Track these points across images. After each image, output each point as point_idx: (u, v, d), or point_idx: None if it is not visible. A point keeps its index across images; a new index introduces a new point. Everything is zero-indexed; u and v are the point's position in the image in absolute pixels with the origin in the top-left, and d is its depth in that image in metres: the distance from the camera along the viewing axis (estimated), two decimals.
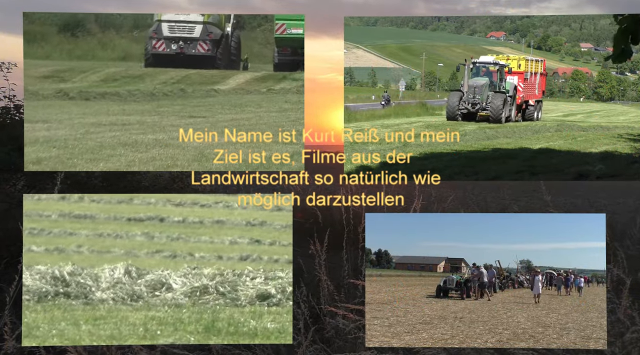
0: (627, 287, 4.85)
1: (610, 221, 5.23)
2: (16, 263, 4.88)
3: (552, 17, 13.10)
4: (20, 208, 5.01)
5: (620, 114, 9.92)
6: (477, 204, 10.26)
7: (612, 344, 4.63)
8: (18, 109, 8.14)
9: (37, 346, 4.52)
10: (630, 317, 4.76)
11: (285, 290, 4.99)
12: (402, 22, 12.83)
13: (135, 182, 8.38)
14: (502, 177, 6.26)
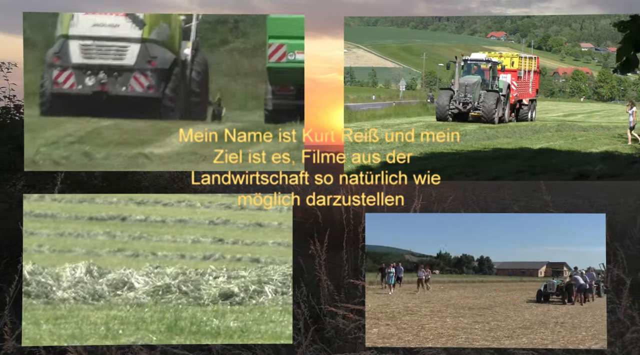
0: (627, 287, 4.85)
1: (610, 221, 5.22)
2: (16, 263, 4.88)
3: (552, 17, 13.10)
4: (20, 208, 5.01)
5: (621, 114, 9.85)
6: (477, 204, 10.21)
7: (612, 344, 4.62)
8: (18, 109, 8.15)
9: (37, 346, 4.52)
10: (630, 317, 4.76)
11: (249, 289, 4.98)
12: (403, 22, 12.85)
13: (135, 182, 8.38)
14: (503, 177, 6.26)
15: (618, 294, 4.95)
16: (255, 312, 4.87)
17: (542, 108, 10.79)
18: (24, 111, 7.52)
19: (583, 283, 5.07)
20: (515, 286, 5.48)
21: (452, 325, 4.67)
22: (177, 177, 8.92)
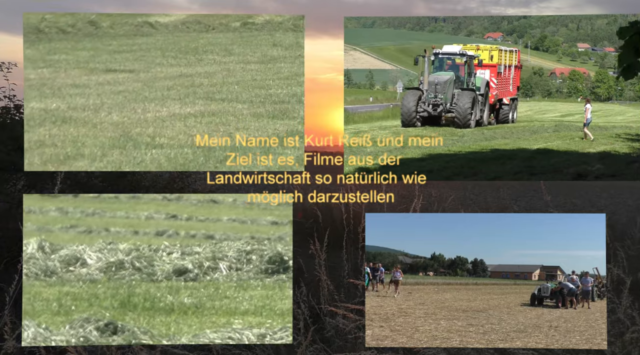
0: (627, 287, 4.86)
1: (610, 221, 5.24)
2: (16, 263, 4.87)
3: (549, 18, 13.12)
4: (20, 208, 5.00)
5: (618, 114, 9.88)
6: (477, 204, 10.13)
7: (612, 344, 4.63)
8: (18, 109, 8.13)
9: (37, 346, 4.51)
10: (630, 317, 4.77)
11: (203, 265, 4.96)
12: (400, 23, 12.85)
13: (135, 182, 8.37)
14: (501, 178, 6.27)
15: (618, 294, 4.96)
16: (209, 288, 4.85)
17: (540, 108, 10.80)
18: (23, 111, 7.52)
19: (573, 288, 5.09)
20: (509, 289, 5.48)
21: (446, 328, 4.66)
22: (177, 177, 8.92)
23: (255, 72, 6.39)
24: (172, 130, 5.07)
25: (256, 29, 6.69)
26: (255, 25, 6.62)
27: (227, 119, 5.18)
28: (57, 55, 6.44)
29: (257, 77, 6.17)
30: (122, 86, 6.00)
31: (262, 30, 6.75)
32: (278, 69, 6.33)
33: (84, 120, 5.16)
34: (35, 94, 5.41)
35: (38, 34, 5.34)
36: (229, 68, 6.51)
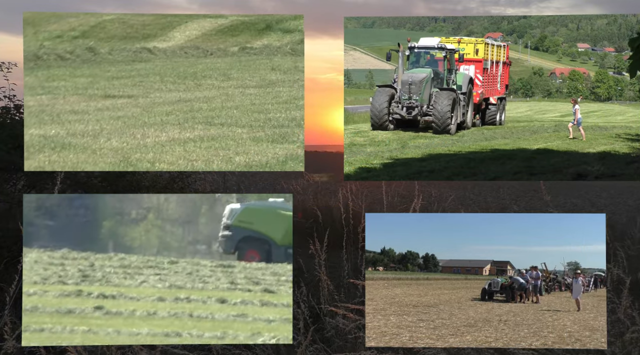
0: (627, 287, 4.87)
1: (610, 221, 5.24)
2: (16, 263, 4.87)
3: (549, 18, 13.11)
4: (20, 208, 5.00)
5: (618, 114, 9.87)
6: (477, 204, 10.14)
7: (612, 344, 4.64)
8: (18, 109, 8.13)
9: (37, 346, 4.51)
10: (630, 317, 4.78)
11: None
12: (400, 23, 12.84)
13: (135, 181, 8.37)
14: (501, 178, 6.26)
15: (618, 294, 4.96)
16: None
17: (540, 108, 10.79)
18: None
19: (523, 282, 5.14)
20: (460, 284, 5.48)
21: (395, 324, 4.64)
22: (177, 177, 8.92)
23: (254, 96, 6.32)
24: (172, 155, 5.04)
25: (254, 53, 6.70)
26: (253, 49, 6.64)
27: (226, 143, 5.17)
28: (55, 81, 6.46)
29: (256, 101, 6.10)
30: (121, 112, 5.98)
31: (260, 55, 6.74)
32: (277, 93, 6.24)
33: (83, 146, 5.15)
34: (34, 121, 5.42)
35: (37, 61, 5.36)
36: (228, 93, 6.47)
